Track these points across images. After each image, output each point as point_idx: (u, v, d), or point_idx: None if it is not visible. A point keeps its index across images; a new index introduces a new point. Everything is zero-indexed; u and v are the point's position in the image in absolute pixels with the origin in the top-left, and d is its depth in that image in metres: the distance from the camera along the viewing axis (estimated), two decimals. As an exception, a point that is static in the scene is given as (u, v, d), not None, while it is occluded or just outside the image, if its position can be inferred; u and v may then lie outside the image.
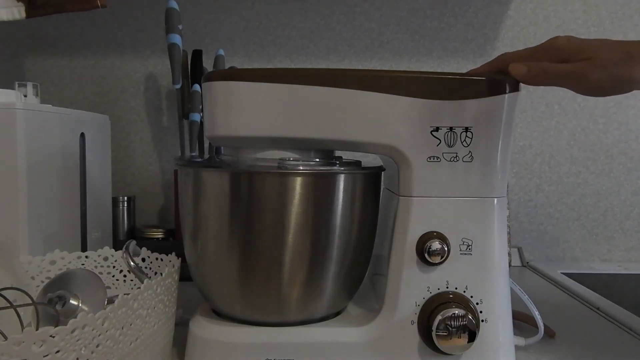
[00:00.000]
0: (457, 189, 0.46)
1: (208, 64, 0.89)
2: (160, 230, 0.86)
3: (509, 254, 0.92)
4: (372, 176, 0.50)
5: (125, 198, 0.88)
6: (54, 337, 0.33)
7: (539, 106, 0.97)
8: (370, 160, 0.52)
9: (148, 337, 0.43)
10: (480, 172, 0.46)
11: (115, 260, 0.59)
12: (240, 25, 0.94)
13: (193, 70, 0.84)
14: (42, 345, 0.32)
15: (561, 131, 0.97)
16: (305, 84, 0.45)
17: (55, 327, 0.33)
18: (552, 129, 0.97)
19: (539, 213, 0.98)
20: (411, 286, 0.46)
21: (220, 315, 0.50)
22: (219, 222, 0.47)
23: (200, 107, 0.81)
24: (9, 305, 0.44)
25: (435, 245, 0.45)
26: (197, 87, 0.81)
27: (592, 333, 0.61)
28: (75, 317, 0.34)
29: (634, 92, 0.44)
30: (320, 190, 0.46)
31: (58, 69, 0.94)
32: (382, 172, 0.52)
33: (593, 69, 0.43)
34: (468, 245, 0.46)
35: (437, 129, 0.45)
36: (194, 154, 0.83)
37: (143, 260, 0.57)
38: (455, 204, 0.46)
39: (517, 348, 0.49)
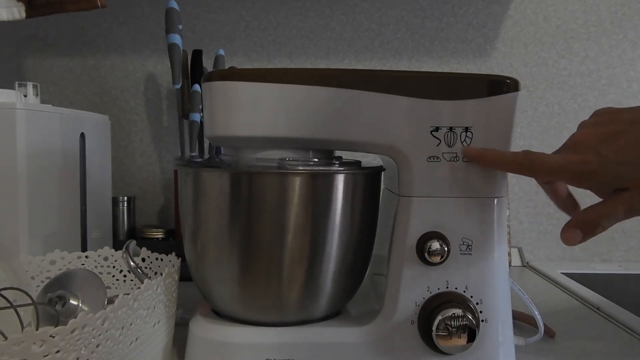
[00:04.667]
0: (457, 189, 0.46)
1: (208, 64, 0.89)
2: (160, 230, 0.86)
3: (509, 254, 0.92)
4: (372, 176, 0.50)
5: (125, 198, 0.88)
6: (54, 337, 0.33)
7: (539, 106, 0.97)
8: (370, 160, 0.52)
9: (148, 337, 0.43)
10: (480, 172, 0.46)
11: (115, 260, 0.59)
12: (240, 25, 0.94)
13: (193, 70, 0.84)
14: (42, 345, 0.32)
15: (561, 131, 0.97)
16: (305, 84, 0.45)
17: (55, 327, 0.33)
18: (552, 129, 0.97)
19: (539, 213, 0.98)
20: (411, 286, 0.46)
21: (220, 315, 0.50)
22: (218, 222, 0.47)
23: (200, 107, 0.81)
24: (9, 305, 0.44)
25: (435, 245, 0.45)
26: (197, 87, 0.81)
27: (592, 333, 0.61)
28: (75, 317, 0.34)
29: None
30: (319, 190, 0.46)
31: (58, 69, 0.94)
32: (382, 172, 0.52)
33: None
34: (468, 245, 0.46)
35: (437, 129, 0.45)
36: (194, 154, 0.83)
37: (143, 260, 0.57)
38: (455, 204, 0.46)
39: (517, 348, 0.49)
